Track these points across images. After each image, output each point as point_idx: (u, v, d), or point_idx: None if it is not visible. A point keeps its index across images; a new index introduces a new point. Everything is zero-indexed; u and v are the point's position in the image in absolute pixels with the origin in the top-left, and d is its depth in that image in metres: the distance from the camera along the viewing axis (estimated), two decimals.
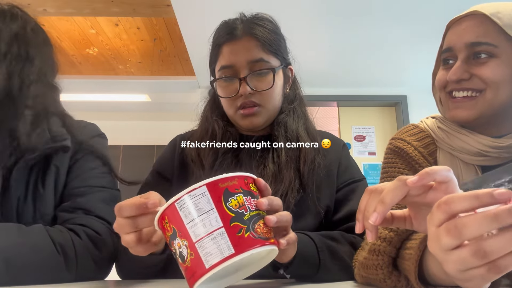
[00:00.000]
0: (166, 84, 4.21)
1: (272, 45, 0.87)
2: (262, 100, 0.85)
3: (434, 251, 0.38)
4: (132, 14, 3.27)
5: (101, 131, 0.92)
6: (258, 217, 0.48)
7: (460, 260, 0.35)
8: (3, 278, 0.62)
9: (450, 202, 0.36)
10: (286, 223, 0.53)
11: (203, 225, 0.45)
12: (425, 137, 0.81)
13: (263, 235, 0.47)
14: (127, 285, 0.69)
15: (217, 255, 0.44)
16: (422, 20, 2.71)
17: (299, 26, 2.77)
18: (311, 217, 0.81)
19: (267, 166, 0.83)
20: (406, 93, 3.90)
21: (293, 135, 0.87)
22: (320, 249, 0.68)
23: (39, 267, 0.66)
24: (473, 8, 0.72)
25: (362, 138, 3.99)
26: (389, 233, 0.57)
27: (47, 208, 0.76)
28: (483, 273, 0.35)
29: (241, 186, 0.49)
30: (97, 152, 0.85)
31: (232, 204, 0.46)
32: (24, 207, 0.73)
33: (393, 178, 0.78)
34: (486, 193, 0.34)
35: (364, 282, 0.63)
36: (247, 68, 0.84)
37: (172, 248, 0.48)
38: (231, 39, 0.86)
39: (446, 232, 0.36)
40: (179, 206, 0.46)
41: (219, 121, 0.91)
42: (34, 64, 0.79)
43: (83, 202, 0.78)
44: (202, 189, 0.46)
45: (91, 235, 0.74)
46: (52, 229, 0.71)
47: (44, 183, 0.77)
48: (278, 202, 0.53)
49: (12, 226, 0.67)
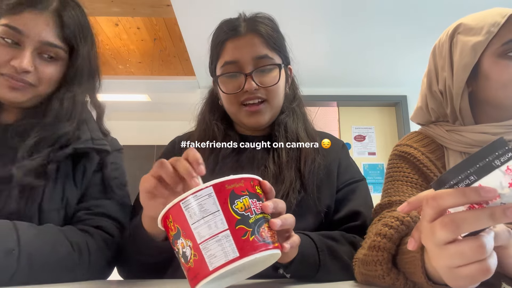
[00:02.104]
0: (166, 84, 4.21)
1: (275, 42, 0.87)
2: (268, 95, 0.85)
3: (427, 245, 0.39)
4: (132, 14, 3.27)
5: (120, 145, 0.95)
6: (263, 220, 0.48)
7: (457, 253, 0.36)
8: (24, 274, 0.62)
9: (438, 198, 0.37)
10: (290, 225, 0.54)
11: (208, 227, 0.44)
12: (431, 143, 0.82)
13: (267, 239, 0.47)
14: (129, 285, 0.70)
15: (221, 257, 0.43)
16: (422, 20, 2.71)
17: (299, 26, 2.77)
18: (311, 217, 0.81)
19: (268, 167, 0.83)
20: (406, 93, 3.90)
21: (293, 135, 0.87)
22: (320, 249, 0.68)
23: (58, 266, 0.67)
24: None
25: (362, 138, 3.99)
26: (389, 230, 0.57)
27: (73, 201, 0.78)
28: (472, 272, 0.36)
29: (247, 188, 0.49)
30: (119, 164, 0.89)
31: (238, 207, 0.46)
32: (54, 194, 0.75)
33: (398, 181, 0.79)
34: (473, 190, 0.36)
35: (364, 280, 0.63)
36: (252, 64, 0.84)
37: (176, 247, 0.47)
38: (235, 36, 0.85)
39: (441, 226, 0.36)
40: (184, 206, 0.46)
41: (219, 124, 0.90)
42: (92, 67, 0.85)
43: (102, 206, 0.80)
44: (208, 190, 0.46)
45: (104, 236, 0.75)
46: (66, 229, 0.72)
47: (74, 179, 0.79)
48: (282, 204, 0.53)
49: (28, 225, 0.67)
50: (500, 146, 0.35)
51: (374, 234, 0.60)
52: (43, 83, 0.77)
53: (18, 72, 0.72)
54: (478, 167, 0.36)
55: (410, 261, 0.50)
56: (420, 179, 0.78)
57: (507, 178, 0.35)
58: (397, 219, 0.57)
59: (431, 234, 0.38)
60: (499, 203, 0.36)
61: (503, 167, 0.35)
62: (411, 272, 0.51)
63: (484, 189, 0.36)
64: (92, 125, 0.85)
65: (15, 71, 0.72)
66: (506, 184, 0.35)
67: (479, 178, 0.36)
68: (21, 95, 0.75)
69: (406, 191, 0.76)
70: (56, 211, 0.74)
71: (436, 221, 0.37)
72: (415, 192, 0.76)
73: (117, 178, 0.86)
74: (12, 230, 0.63)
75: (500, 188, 0.35)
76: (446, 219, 0.36)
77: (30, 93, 0.76)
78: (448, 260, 0.37)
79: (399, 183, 0.79)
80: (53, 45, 0.75)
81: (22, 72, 0.72)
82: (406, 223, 0.57)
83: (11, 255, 0.61)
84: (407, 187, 0.77)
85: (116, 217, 0.80)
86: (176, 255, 0.48)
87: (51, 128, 0.76)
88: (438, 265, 0.39)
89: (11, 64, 0.71)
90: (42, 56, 0.75)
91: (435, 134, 0.82)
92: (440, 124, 0.84)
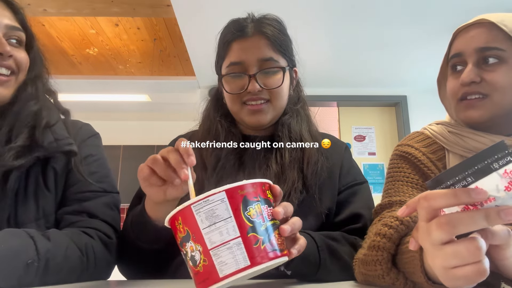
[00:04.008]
0: (166, 84, 4.21)
1: (282, 45, 0.87)
2: (271, 97, 0.86)
3: (424, 245, 0.40)
4: (132, 14, 3.27)
5: (95, 131, 0.91)
6: (273, 227, 0.48)
7: (453, 254, 0.36)
8: (38, 281, 0.62)
9: (430, 199, 0.38)
10: (297, 230, 0.54)
11: (219, 233, 0.44)
12: (432, 144, 0.82)
13: (278, 246, 0.47)
14: (129, 285, 0.70)
15: (232, 265, 0.43)
16: (422, 21, 2.71)
17: (299, 26, 2.76)
18: (312, 218, 0.81)
19: (270, 167, 0.83)
20: (406, 93, 3.90)
21: (297, 136, 0.87)
22: (320, 248, 0.68)
23: (68, 271, 0.66)
24: (480, 17, 0.75)
25: (362, 138, 3.99)
26: (388, 230, 0.57)
27: (50, 208, 0.76)
28: (467, 273, 0.36)
29: (259, 194, 0.48)
30: (96, 155, 0.85)
31: (250, 213, 0.46)
32: (26, 205, 0.73)
33: (399, 182, 0.79)
34: (464, 191, 0.36)
35: (363, 280, 0.63)
36: (257, 66, 0.84)
37: (184, 249, 0.47)
38: (241, 37, 0.86)
39: (437, 227, 0.37)
40: (196, 210, 0.45)
41: (223, 121, 0.90)
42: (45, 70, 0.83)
43: (88, 206, 0.78)
44: (221, 195, 0.45)
45: (103, 238, 0.75)
46: (71, 234, 0.71)
47: (46, 183, 0.76)
48: (291, 208, 0.54)
49: (41, 233, 0.66)
50: (500, 150, 0.35)
51: (374, 234, 0.60)
52: (22, 70, 0.76)
53: (4, 58, 0.71)
54: (476, 169, 0.36)
55: (410, 261, 0.50)
56: (421, 179, 0.78)
57: (503, 181, 0.35)
58: (396, 219, 0.58)
59: (427, 234, 0.38)
60: (493, 205, 0.36)
61: (501, 170, 0.35)
62: (410, 272, 0.51)
63: (475, 190, 0.36)
64: (56, 126, 0.80)
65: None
66: (502, 187, 0.35)
67: (476, 180, 0.36)
68: (7, 90, 0.74)
69: (407, 192, 0.76)
70: (34, 222, 0.72)
71: (432, 221, 0.38)
72: (416, 193, 0.76)
73: (96, 172, 0.83)
74: (30, 241, 0.62)
75: (496, 191, 0.36)
76: (442, 220, 0.37)
77: (13, 85, 0.75)
78: (444, 260, 0.37)
79: (399, 183, 0.79)
80: (17, 29, 0.75)
81: (8, 57, 0.72)
82: (405, 223, 0.57)
83: (32, 266, 0.60)
84: (407, 187, 0.78)
85: (105, 219, 0.78)
86: (184, 257, 0.47)
87: (21, 111, 0.74)
88: (434, 265, 0.39)
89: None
90: (11, 42, 0.75)
91: (436, 135, 0.82)
92: (443, 124, 0.84)
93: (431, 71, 3.38)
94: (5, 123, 0.73)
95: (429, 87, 3.07)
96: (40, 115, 0.76)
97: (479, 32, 0.74)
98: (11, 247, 0.59)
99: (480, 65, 0.74)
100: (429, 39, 2.93)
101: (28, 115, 0.75)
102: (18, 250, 0.60)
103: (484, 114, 0.73)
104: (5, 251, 0.58)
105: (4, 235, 0.61)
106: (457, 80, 0.76)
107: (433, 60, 3.15)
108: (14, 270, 0.58)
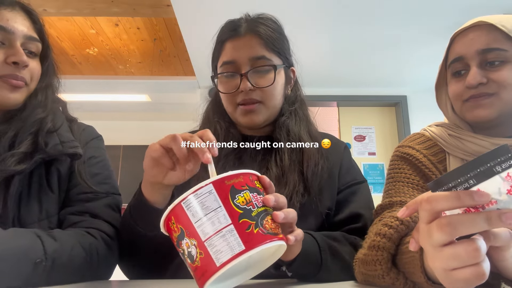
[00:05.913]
0: (166, 84, 4.21)
1: (275, 44, 0.87)
2: (263, 97, 0.85)
3: (424, 246, 0.40)
4: (132, 14, 3.27)
5: (98, 133, 0.92)
6: (265, 213, 0.48)
7: (453, 255, 0.36)
8: (43, 281, 0.62)
9: (432, 201, 0.38)
10: (292, 219, 0.54)
11: (211, 223, 0.44)
12: (433, 146, 0.82)
13: (272, 230, 0.47)
14: (129, 285, 0.70)
15: (227, 252, 0.43)
16: (422, 21, 2.71)
17: (299, 26, 2.77)
18: (313, 218, 0.81)
19: (270, 169, 0.83)
20: (406, 93, 3.91)
21: (296, 138, 0.87)
22: (322, 248, 0.68)
23: (73, 271, 0.67)
24: (476, 20, 0.75)
25: (362, 138, 3.99)
26: (388, 230, 0.57)
27: (53, 209, 0.76)
28: (466, 276, 0.36)
29: (246, 183, 0.49)
30: (99, 157, 0.86)
31: (239, 201, 0.46)
32: (29, 206, 0.73)
33: (399, 182, 0.79)
34: (467, 194, 0.36)
35: (363, 280, 0.64)
36: (249, 65, 0.84)
37: (180, 249, 0.47)
38: (234, 36, 0.86)
39: (438, 228, 0.37)
40: (186, 206, 0.46)
41: (221, 122, 0.90)
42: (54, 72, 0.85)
43: (90, 207, 0.78)
44: (208, 187, 0.46)
45: (105, 238, 0.75)
46: (74, 234, 0.71)
47: (49, 185, 0.77)
48: (283, 199, 0.54)
49: (46, 233, 0.66)
50: (503, 153, 0.35)
51: (374, 234, 0.60)
52: (33, 80, 0.77)
53: (19, 68, 0.72)
54: (478, 172, 0.36)
55: (410, 261, 0.51)
56: (422, 180, 0.78)
57: (506, 184, 0.35)
58: (397, 219, 0.58)
59: (428, 236, 0.38)
60: (495, 208, 0.36)
61: (504, 174, 0.35)
62: (410, 272, 0.51)
63: (478, 193, 0.36)
64: (61, 129, 0.81)
65: (14, 69, 0.72)
66: (504, 191, 0.35)
67: (478, 183, 0.36)
68: (20, 95, 0.75)
69: (407, 192, 0.76)
70: (37, 223, 0.73)
71: (433, 223, 0.38)
72: (416, 194, 0.76)
73: (99, 174, 0.84)
74: (38, 240, 0.62)
75: (498, 194, 0.36)
76: (443, 221, 0.37)
77: (25, 92, 0.76)
78: (444, 262, 0.37)
79: (400, 184, 0.79)
80: (34, 39, 0.76)
81: (23, 66, 0.73)
82: (405, 223, 0.57)
83: (40, 266, 0.60)
84: (408, 188, 0.78)
85: (107, 219, 0.79)
86: (182, 256, 0.48)
87: (27, 118, 0.75)
88: (434, 267, 0.39)
89: (8, 62, 0.71)
90: (27, 52, 0.76)
91: (436, 137, 0.82)
92: (443, 126, 0.84)
93: (431, 71, 3.38)
94: (11, 128, 0.74)
95: (429, 87, 3.06)
96: (45, 121, 0.77)
97: (478, 34, 0.74)
98: (20, 246, 0.59)
99: (484, 66, 0.74)
100: (429, 39, 2.93)
101: (34, 122, 0.76)
102: (26, 249, 0.60)
103: (493, 112, 0.73)
104: (14, 249, 0.58)
105: (12, 234, 0.61)
106: (461, 83, 0.76)
107: (433, 60, 3.15)
108: (23, 269, 0.58)
